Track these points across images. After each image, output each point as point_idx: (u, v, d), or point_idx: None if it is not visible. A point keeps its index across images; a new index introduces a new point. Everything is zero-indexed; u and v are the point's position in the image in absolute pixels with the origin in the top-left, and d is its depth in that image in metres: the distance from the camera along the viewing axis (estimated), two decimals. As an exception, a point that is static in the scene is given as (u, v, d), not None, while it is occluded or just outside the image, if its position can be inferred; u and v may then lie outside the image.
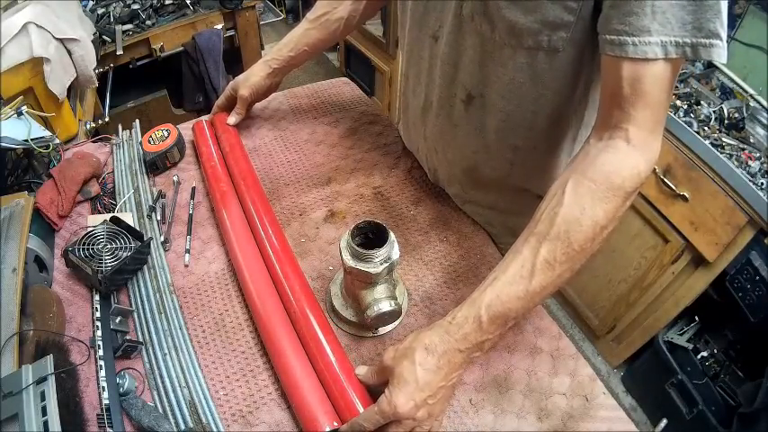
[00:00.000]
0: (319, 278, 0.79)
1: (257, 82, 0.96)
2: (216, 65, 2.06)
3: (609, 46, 0.49)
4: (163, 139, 0.94)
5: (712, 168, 1.23)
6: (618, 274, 1.60)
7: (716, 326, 1.45)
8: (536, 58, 0.59)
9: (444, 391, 0.56)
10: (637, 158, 0.51)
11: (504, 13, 0.56)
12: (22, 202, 0.78)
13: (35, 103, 1.18)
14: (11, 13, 1.14)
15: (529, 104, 0.65)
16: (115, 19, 1.86)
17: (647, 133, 0.51)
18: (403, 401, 0.54)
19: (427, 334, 0.57)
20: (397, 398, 0.54)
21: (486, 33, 0.60)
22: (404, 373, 0.55)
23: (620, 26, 0.47)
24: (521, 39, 0.57)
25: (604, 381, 1.48)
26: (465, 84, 0.69)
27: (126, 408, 0.61)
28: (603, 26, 0.50)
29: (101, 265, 0.73)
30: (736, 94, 1.33)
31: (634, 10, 0.46)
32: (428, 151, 0.87)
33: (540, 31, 0.55)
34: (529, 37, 0.56)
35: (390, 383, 0.56)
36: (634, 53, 0.47)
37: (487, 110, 0.69)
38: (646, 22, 0.46)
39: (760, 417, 1.17)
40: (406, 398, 0.54)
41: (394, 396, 0.54)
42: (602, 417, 0.65)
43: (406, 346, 0.57)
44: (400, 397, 0.54)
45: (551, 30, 0.55)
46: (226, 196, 0.85)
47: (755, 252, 1.20)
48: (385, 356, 0.59)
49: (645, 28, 0.46)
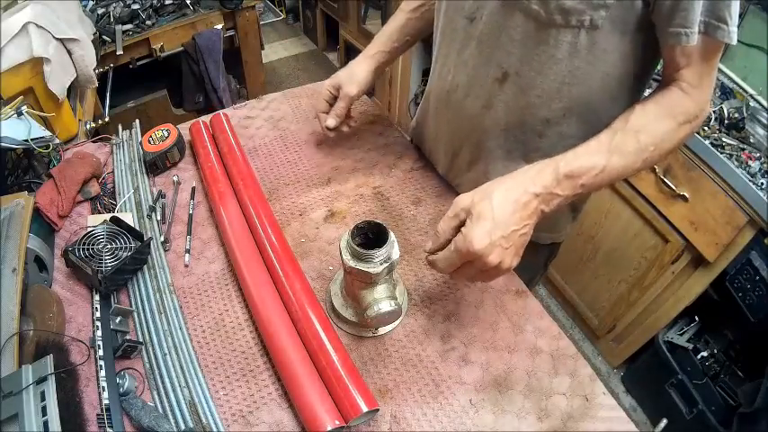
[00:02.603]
0: (319, 278, 0.79)
1: (365, 78, 0.92)
2: (216, 65, 2.06)
3: (673, 38, 0.60)
4: (163, 139, 0.94)
5: (712, 168, 1.23)
6: (618, 274, 1.60)
7: (716, 326, 1.45)
8: (578, 36, 0.64)
9: (517, 239, 0.60)
10: (689, 101, 0.64)
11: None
12: (22, 202, 0.78)
13: (35, 103, 1.18)
14: (11, 13, 1.13)
15: (564, 78, 0.69)
16: (115, 19, 1.86)
17: (696, 87, 0.63)
18: (479, 237, 0.57)
19: (506, 178, 0.62)
20: (473, 234, 0.58)
21: (537, 13, 0.64)
22: (482, 211, 0.59)
23: (677, 21, 0.59)
24: (568, 17, 0.63)
25: (604, 381, 1.48)
26: (502, 62, 0.72)
27: (126, 408, 0.61)
28: (667, 21, 0.60)
29: (101, 265, 0.73)
30: (736, 94, 1.33)
31: (687, 6, 0.58)
32: (450, 135, 0.88)
33: (584, 10, 0.62)
34: (574, 16, 0.62)
35: (467, 222, 0.59)
36: (687, 42, 0.59)
37: (522, 87, 0.72)
38: (694, 16, 0.58)
39: (760, 417, 1.17)
40: (482, 234, 0.58)
41: (470, 232, 0.58)
42: (602, 417, 0.65)
43: (485, 189, 0.61)
44: (477, 233, 0.58)
45: (594, 9, 0.61)
46: (224, 197, 0.85)
47: (755, 252, 1.20)
48: (461, 201, 0.62)
49: (694, 21, 0.58)
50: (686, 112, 0.64)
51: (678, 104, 0.64)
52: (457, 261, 0.60)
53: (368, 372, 0.68)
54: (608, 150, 0.63)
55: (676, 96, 0.64)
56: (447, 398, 0.66)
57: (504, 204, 0.59)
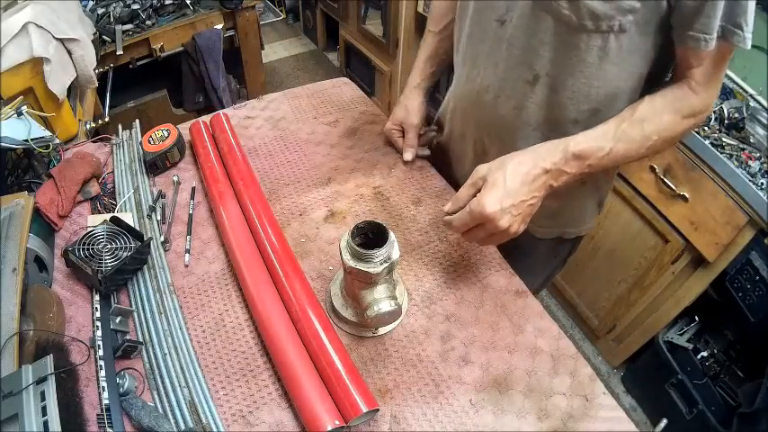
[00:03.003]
0: (319, 278, 0.79)
1: (419, 107, 0.98)
2: (216, 65, 2.06)
3: (692, 41, 0.63)
4: (163, 139, 0.94)
5: (712, 168, 1.23)
6: (618, 274, 1.60)
7: (716, 326, 1.45)
8: (608, 39, 0.67)
9: (525, 208, 0.67)
10: (695, 98, 0.67)
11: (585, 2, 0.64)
12: (22, 202, 0.78)
13: (35, 103, 1.18)
14: (11, 13, 1.13)
15: (593, 80, 0.71)
16: (115, 19, 1.86)
17: (704, 86, 0.67)
18: (491, 202, 0.64)
19: (520, 152, 0.69)
20: (486, 199, 0.65)
21: (569, 18, 0.66)
22: (496, 181, 0.66)
23: (698, 26, 0.61)
24: (598, 23, 0.65)
25: (604, 381, 1.48)
26: (533, 64, 0.73)
27: (126, 408, 0.61)
28: (685, 24, 0.62)
29: (101, 265, 0.73)
30: (736, 94, 1.33)
31: (711, 13, 0.60)
32: (479, 135, 0.88)
33: (614, 15, 0.64)
34: (604, 21, 0.64)
35: (482, 188, 0.66)
36: (706, 47, 0.62)
37: (553, 88, 0.74)
38: (714, 23, 0.60)
39: (760, 417, 1.17)
40: (494, 200, 0.64)
41: (483, 197, 0.65)
42: (602, 417, 0.65)
43: (501, 159, 0.68)
44: (489, 198, 0.65)
45: (623, 14, 0.63)
46: (224, 197, 0.85)
47: (755, 252, 1.20)
48: (480, 170, 0.68)
49: (714, 28, 0.61)
50: (691, 107, 0.68)
51: (684, 100, 0.68)
52: (470, 222, 0.66)
53: (368, 372, 0.68)
54: (614, 136, 0.68)
55: (684, 92, 0.67)
56: (447, 398, 0.66)
57: (515, 176, 0.66)
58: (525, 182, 0.66)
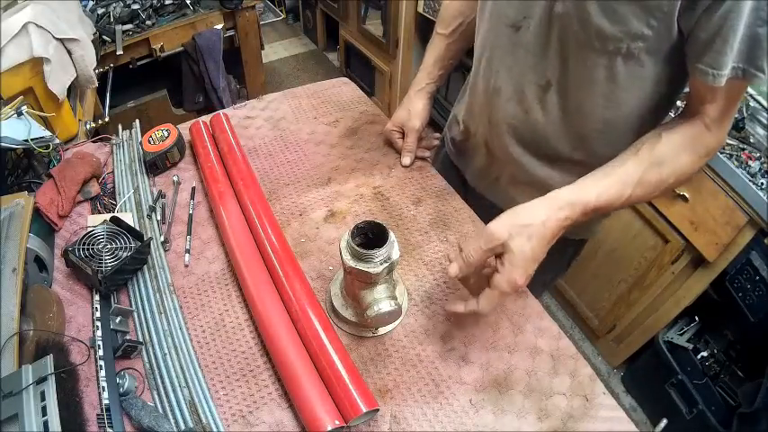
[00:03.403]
0: (319, 278, 0.79)
1: (422, 110, 0.96)
2: (216, 65, 2.06)
3: (699, 74, 0.61)
4: (163, 139, 0.94)
5: (712, 168, 1.23)
6: (618, 274, 1.60)
7: (716, 326, 1.45)
8: (615, 61, 0.66)
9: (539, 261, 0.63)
10: (711, 137, 0.66)
11: (595, 20, 0.63)
12: (22, 202, 0.78)
13: (35, 103, 1.18)
14: (11, 13, 1.13)
15: (599, 99, 0.71)
16: (115, 19, 1.86)
17: (718, 123, 0.65)
18: (522, 277, 0.61)
19: (541, 210, 0.64)
20: (517, 275, 0.61)
21: (576, 34, 0.66)
22: (523, 251, 0.61)
23: (709, 60, 0.60)
24: (605, 43, 0.64)
25: (604, 381, 1.48)
26: (546, 70, 0.73)
27: (126, 408, 0.61)
28: (696, 56, 0.61)
29: (101, 265, 0.73)
30: (736, 94, 1.33)
31: (720, 50, 0.58)
32: (490, 134, 0.89)
33: (622, 39, 0.63)
34: (611, 43, 0.64)
35: (506, 261, 0.62)
36: (714, 82, 0.60)
37: (563, 97, 0.74)
38: (725, 59, 0.59)
39: (760, 417, 1.17)
40: (524, 272, 0.62)
41: (515, 275, 0.61)
42: (602, 417, 0.65)
43: (520, 223, 0.62)
44: (520, 274, 0.61)
45: (631, 40, 0.63)
46: (224, 197, 0.85)
47: (755, 252, 1.20)
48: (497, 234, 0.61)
49: (726, 64, 0.59)
50: (707, 147, 0.67)
51: (700, 139, 0.66)
52: (500, 301, 0.63)
53: (368, 372, 0.68)
54: (633, 183, 0.65)
55: (699, 131, 0.66)
56: (447, 398, 0.66)
57: (541, 241, 0.62)
58: (549, 243, 0.64)
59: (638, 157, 0.66)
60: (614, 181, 0.66)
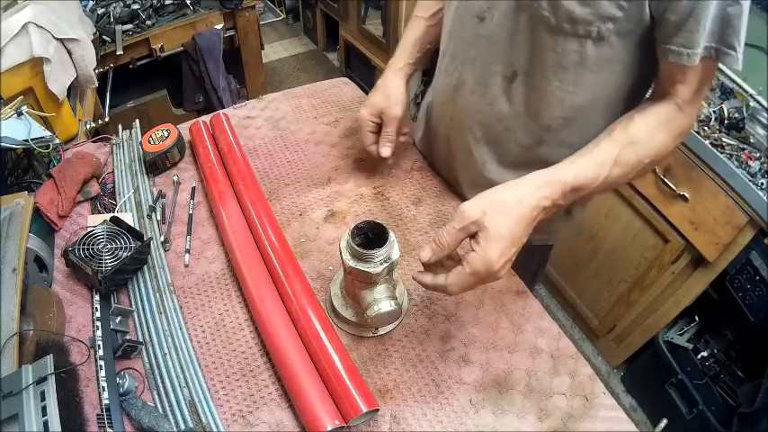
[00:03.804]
0: (319, 278, 0.79)
1: (402, 94, 0.87)
2: (216, 65, 2.06)
3: (672, 55, 0.62)
4: (163, 139, 0.94)
5: (712, 168, 1.23)
6: (618, 274, 1.60)
7: (716, 326, 1.45)
8: (585, 45, 0.66)
9: (520, 246, 0.60)
10: (683, 117, 0.66)
11: (565, 3, 0.62)
12: (22, 202, 0.78)
13: (35, 103, 1.18)
14: (11, 13, 1.13)
15: (568, 85, 0.70)
16: (115, 19, 1.86)
17: (690, 103, 0.66)
18: (497, 257, 0.57)
19: (515, 189, 0.61)
20: (492, 254, 0.56)
21: (547, 20, 0.65)
22: (499, 229, 0.57)
23: (681, 40, 0.60)
24: (576, 26, 0.64)
25: (604, 381, 1.48)
26: (513, 61, 0.72)
27: (126, 408, 0.61)
28: (667, 38, 0.61)
29: (101, 265, 0.73)
30: (736, 94, 1.33)
31: (694, 29, 0.59)
32: (452, 131, 0.88)
33: (593, 21, 0.63)
34: (582, 25, 0.64)
35: (481, 239, 0.57)
36: (689, 62, 0.61)
37: (529, 88, 0.73)
38: (699, 38, 0.59)
39: (760, 417, 1.17)
40: (500, 253, 0.57)
41: (489, 253, 0.56)
42: (602, 417, 0.65)
43: (494, 201, 0.59)
44: (495, 253, 0.57)
45: (602, 21, 0.62)
46: (224, 197, 0.85)
47: (755, 252, 1.20)
48: (470, 213, 0.58)
49: (698, 43, 0.59)
50: (680, 127, 0.67)
51: (674, 119, 0.66)
52: (474, 283, 0.58)
53: (368, 372, 0.68)
54: (610, 163, 0.64)
55: (672, 112, 0.66)
56: (447, 398, 0.66)
57: (519, 221, 0.59)
58: (528, 224, 0.60)
59: (612, 138, 0.65)
60: (590, 160, 0.64)
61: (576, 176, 0.63)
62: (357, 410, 0.59)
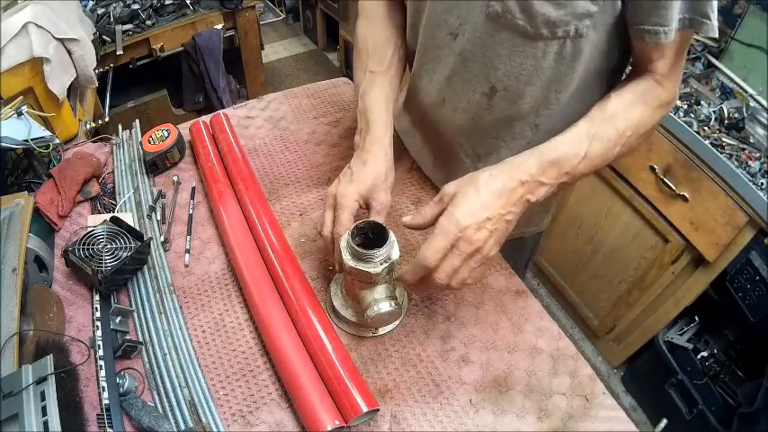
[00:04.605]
0: (319, 278, 0.79)
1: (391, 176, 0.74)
2: (216, 65, 2.06)
3: (648, 35, 0.61)
4: (163, 139, 0.94)
5: (712, 168, 1.23)
6: (618, 274, 1.60)
7: (716, 326, 1.45)
8: (564, 45, 0.66)
9: (502, 225, 0.60)
10: (662, 90, 0.67)
11: (538, 9, 0.62)
12: (22, 202, 0.78)
13: (35, 103, 1.18)
14: (11, 13, 1.13)
15: (552, 86, 0.70)
16: (115, 19, 1.86)
17: (668, 77, 0.66)
18: (465, 215, 0.57)
19: (491, 167, 0.62)
20: (459, 212, 0.58)
21: (524, 28, 0.65)
22: (468, 193, 0.59)
23: (655, 19, 0.60)
24: (554, 29, 0.64)
25: (604, 381, 1.48)
26: (489, 77, 0.72)
27: (126, 408, 0.61)
28: (640, 18, 0.61)
29: (101, 265, 0.73)
30: (736, 94, 1.33)
31: (665, 5, 0.59)
32: (439, 146, 0.87)
33: (570, 21, 0.63)
34: (560, 27, 0.63)
35: (449, 204, 0.59)
36: (665, 39, 0.61)
37: (511, 99, 0.73)
38: (672, 13, 0.59)
39: (760, 417, 1.17)
40: (468, 212, 0.58)
41: (455, 211, 0.58)
42: (602, 417, 0.65)
43: (470, 175, 0.62)
44: (462, 210, 0.58)
45: (578, 19, 0.62)
46: (224, 197, 0.85)
47: (755, 252, 1.20)
48: (447, 187, 0.62)
49: (672, 18, 0.59)
50: (659, 99, 0.67)
51: (652, 92, 0.66)
52: (445, 243, 0.57)
53: (368, 372, 0.68)
54: (587, 137, 0.63)
55: (650, 86, 0.66)
56: (447, 398, 0.66)
57: (490, 188, 0.60)
58: (501, 194, 0.60)
59: (588, 117, 0.65)
60: (567, 136, 0.64)
61: (553, 149, 0.63)
62: (357, 410, 0.59)
